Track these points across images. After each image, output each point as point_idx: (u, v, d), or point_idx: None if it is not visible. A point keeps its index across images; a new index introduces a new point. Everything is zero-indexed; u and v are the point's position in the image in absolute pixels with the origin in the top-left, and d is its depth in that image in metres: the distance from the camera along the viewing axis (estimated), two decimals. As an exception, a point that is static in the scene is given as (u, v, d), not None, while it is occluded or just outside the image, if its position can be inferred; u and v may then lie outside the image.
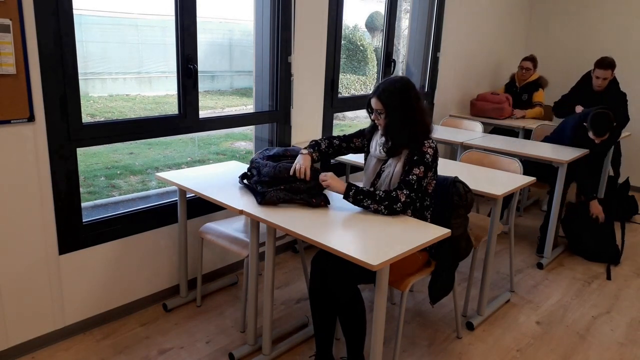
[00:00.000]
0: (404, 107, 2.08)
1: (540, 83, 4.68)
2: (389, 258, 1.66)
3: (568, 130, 3.62)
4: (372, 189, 2.07)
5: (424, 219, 2.16)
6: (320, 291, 2.11)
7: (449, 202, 2.23)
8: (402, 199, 2.01)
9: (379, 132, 2.23)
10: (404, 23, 5.28)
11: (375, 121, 2.19)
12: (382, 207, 2.02)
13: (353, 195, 2.05)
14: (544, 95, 4.68)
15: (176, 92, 2.66)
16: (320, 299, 2.12)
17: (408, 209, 2.09)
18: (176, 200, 2.64)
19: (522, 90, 4.71)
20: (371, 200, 2.03)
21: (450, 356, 2.39)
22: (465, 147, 3.47)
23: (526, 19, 5.55)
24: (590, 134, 3.36)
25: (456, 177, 2.27)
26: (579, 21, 5.32)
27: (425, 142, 2.09)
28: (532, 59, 4.67)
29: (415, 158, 2.07)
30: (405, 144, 2.11)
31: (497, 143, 3.53)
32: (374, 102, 2.13)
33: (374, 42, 9.92)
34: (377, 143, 2.25)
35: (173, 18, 2.54)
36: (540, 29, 5.58)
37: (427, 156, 2.06)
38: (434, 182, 2.16)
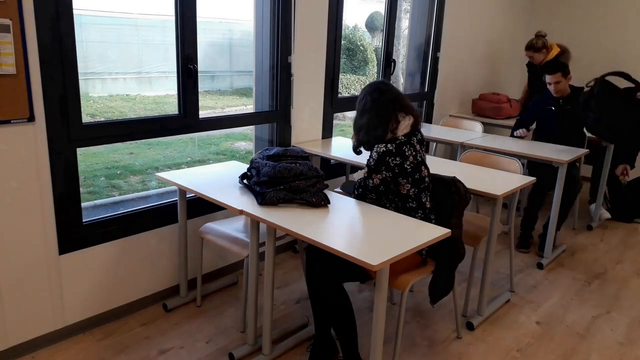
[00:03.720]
0: (360, 108, 2.22)
1: (560, 60, 4.09)
2: (389, 258, 1.66)
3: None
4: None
5: None
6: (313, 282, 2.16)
7: (449, 202, 2.22)
8: (355, 194, 2.25)
9: None
10: (404, 23, 5.28)
11: None
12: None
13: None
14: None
15: (176, 92, 2.66)
16: (313, 288, 2.18)
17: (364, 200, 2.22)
18: (176, 200, 2.64)
19: (542, 70, 4.11)
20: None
21: (450, 356, 2.39)
22: (465, 147, 3.47)
23: (527, 18, 5.55)
24: (546, 79, 3.56)
25: (454, 177, 2.27)
26: (580, 20, 5.33)
27: (376, 145, 2.15)
28: (530, 47, 4.26)
29: (369, 159, 2.19)
30: (358, 143, 2.26)
31: (497, 143, 3.52)
32: None
33: (374, 42, 9.92)
34: None
35: (173, 18, 2.54)
36: (541, 27, 5.56)
37: (370, 160, 2.16)
38: (409, 185, 2.14)
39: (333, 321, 2.13)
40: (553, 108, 3.62)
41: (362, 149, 2.28)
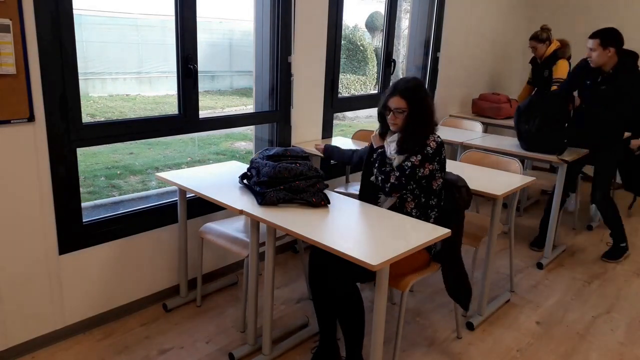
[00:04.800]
0: (421, 104, 2.15)
1: (557, 54, 4.08)
2: (389, 258, 1.66)
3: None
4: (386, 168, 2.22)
5: (427, 218, 2.16)
6: (319, 285, 2.15)
7: (453, 204, 2.22)
8: (392, 180, 2.13)
9: (391, 135, 2.23)
10: (404, 23, 5.28)
11: (392, 121, 2.18)
12: (380, 180, 2.19)
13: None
14: (568, 65, 4.04)
15: (176, 92, 2.66)
16: (320, 292, 2.16)
17: (396, 192, 2.15)
18: (176, 200, 2.64)
19: (543, 65, 4.20)
20: (379, 171, 2.20)
21: (450, 356, 2.39)
22: (465, 147, 3.47)
23: (527, 17, 5.55)
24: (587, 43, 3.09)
25: (459, 177, 2.27)
26: (581, 20, 5.32)
27: (431, 135, 2.14)
28: (534, 37, 4.15)
29: (416, 148, 2.12)
30: (418, 140, 2.13)
31: (497, 143, 3.52)
32: (395, 101, 2.14)
33: (374, 42, 9.94)
34: (391, 146, 2.23)
35: (173, 18, 2.54)
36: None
37: (428, 148, 2.12)
38: (441, 180, 2.17)
39: (343, 318, 2.10)
40: (588, 82, 3.15)
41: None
